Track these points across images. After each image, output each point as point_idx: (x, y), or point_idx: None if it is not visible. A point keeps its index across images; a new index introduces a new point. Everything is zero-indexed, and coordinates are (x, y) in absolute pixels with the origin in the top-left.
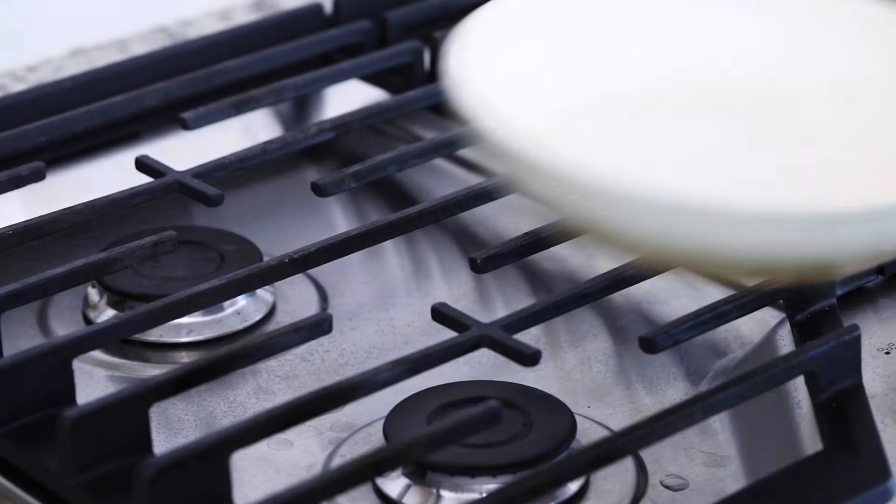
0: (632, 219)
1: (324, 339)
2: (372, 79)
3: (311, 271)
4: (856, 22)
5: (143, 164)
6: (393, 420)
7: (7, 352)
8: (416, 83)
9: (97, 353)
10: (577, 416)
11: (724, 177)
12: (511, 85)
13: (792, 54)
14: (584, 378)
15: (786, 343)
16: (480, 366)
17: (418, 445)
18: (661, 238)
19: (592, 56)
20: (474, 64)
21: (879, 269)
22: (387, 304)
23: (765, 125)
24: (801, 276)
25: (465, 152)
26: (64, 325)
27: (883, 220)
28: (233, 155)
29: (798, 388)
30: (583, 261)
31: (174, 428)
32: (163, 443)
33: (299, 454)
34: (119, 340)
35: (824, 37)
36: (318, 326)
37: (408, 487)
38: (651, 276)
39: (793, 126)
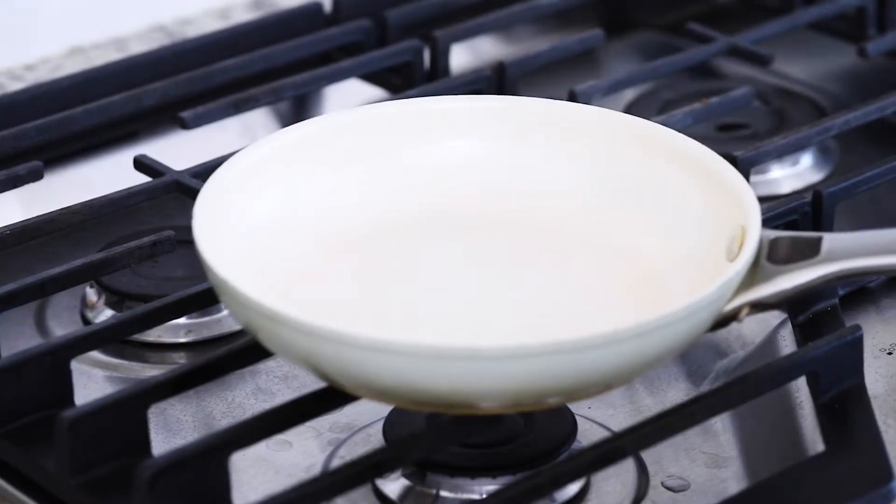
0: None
1: None
2: (371, 78)
3: None
4: (598, 135)
5: (141, 164)
6: (392, 421)
7: (5, 352)
8: (415, 82)
9: (95, 354)
10: (577, 417)
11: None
12: (246, 232)
13: (530, 179)
14: None
15: (787, 343)
16: None
17: (418, 446)
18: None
19: (333, 198)
20: (214, 214)
21: None
22: None
23: (499, 256)
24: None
25: None
26: (62, 326)
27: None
28: (231, 154)
29: (800, 388)
30: None
31: (173, 429)
32: (161, 444)
33: (298, 455)
34: (117, 341)
35: (568, 156)
36: None
37: (407, 488)
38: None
39: (515, 255)
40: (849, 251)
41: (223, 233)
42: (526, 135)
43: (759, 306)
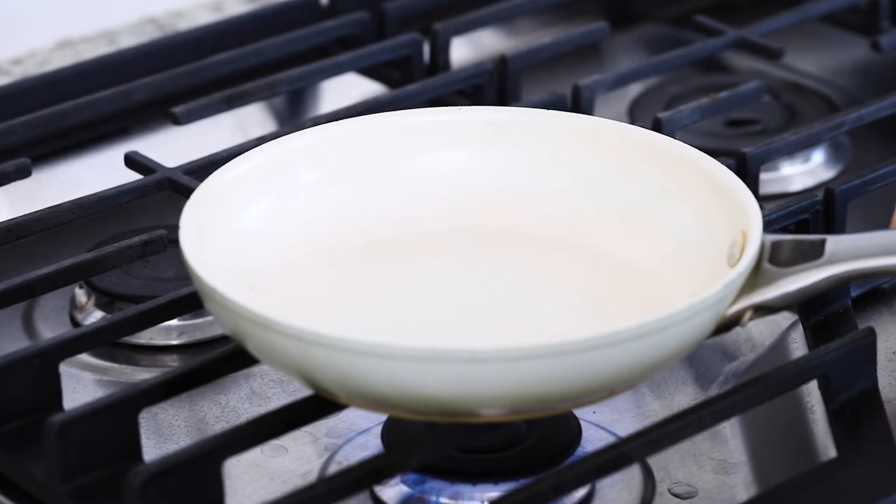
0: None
1: None
2: (369, 72)
3: None
4: (593, 143)
5: (132, 161)
6: (391, 425)
7: None
8: (415, 77)
9: (85, 357)
10: (581, 422)
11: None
12: (234, 242)
13: (525, 189)
14: None
15: (798, 346)
16: None
17: (417, 451)
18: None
19: (322, 209)
20: (202, 222)
21: None
22: None
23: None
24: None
25: None
26: (50, 328)
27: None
28: (225, 151)
29: (811, 392)
30: None
31: (164, 434)
32: (153, 449)
33: (294, 461)
34: (107, 343)
35: (563, 165)
36: None
37: (406, 495)
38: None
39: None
40: (853, 252)
41: (210, 242)
42: (520, 145)
43: (762, 310)
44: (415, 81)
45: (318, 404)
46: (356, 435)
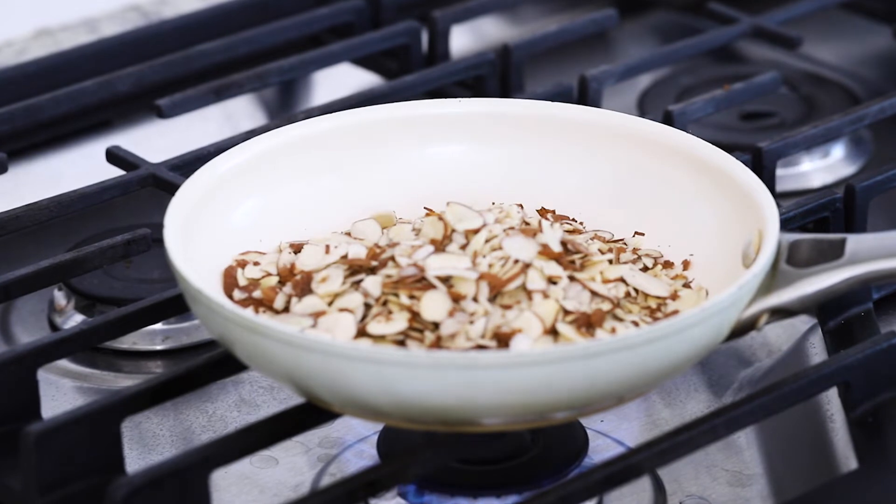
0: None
1: None
2: (364, 62)
3: None
4: (603, 138)
5: (114, 156)
6: (387, 435)
7: None
8: (412, 67)
9: (64, 363)
10: (589, 431)
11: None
12: (222, 242)
13: (535, 185)
14: None
15: (817, 351)
16: None
17: (415, 463)
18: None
19: (314, 207)
20: (188, 221)
21: None
22: None
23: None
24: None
25: None
26: (28, 332)
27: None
28: (213, 145)
29: (831, 400)
30: None
31: (148, 444)
32: (136, 460)
33: (285, 473)
34: (88, 348)
35: (572, 161)
36: None
37: None
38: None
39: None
40: (874, 252)
41: (197, 241)
42: (523, 139)
43: (779, 313)
44: (412, 72)
45: (311, 413)
46: (350, 445)
